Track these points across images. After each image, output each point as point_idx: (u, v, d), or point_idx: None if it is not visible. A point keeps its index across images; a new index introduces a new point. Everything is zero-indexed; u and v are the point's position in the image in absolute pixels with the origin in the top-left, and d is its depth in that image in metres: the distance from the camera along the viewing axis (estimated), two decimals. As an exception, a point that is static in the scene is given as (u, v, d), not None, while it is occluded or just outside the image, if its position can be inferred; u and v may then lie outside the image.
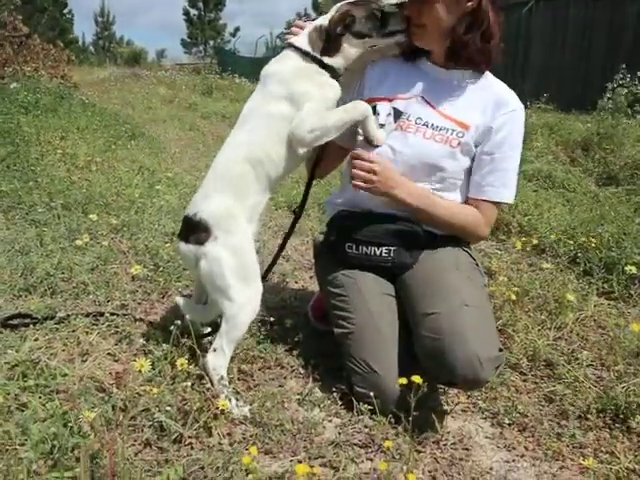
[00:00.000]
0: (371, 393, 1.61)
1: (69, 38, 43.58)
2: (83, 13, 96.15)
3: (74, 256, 2.72)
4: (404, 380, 1.53)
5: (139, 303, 2.41)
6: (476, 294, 1.69)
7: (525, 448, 1.64)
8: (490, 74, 1.84)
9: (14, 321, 2.01)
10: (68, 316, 2.07)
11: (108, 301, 2.38)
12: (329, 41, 1.69)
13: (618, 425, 1.72)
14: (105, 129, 6.42)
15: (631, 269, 2.62)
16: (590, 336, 2.25)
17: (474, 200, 1.81)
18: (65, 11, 43.66)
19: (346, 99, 1.82)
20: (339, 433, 1.62)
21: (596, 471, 1.51)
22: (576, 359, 2.04)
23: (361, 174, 1.68)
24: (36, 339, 1.93)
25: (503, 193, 1.80)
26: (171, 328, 1.98)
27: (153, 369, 1.76)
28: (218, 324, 1.75)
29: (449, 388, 1.84)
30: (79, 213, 3.46)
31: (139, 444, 1.49)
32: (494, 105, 1.78)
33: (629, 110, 6.12)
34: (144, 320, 2.18)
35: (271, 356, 1.98)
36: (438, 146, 1.75)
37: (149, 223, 3.38)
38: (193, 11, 44.45)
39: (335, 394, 1.77)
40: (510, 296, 2.21)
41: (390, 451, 1.49)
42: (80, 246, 2.89)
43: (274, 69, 1.75)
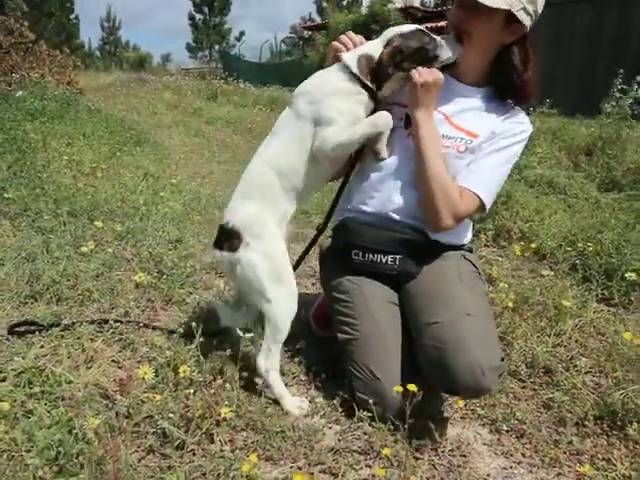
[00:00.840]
0: (372, 400, 1.64)
1: (75, 43, 43.90)
2: (89, 18, 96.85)
3: (79, 263, 2.76)
4: (400, 388, 1.55)
5: (142, 310, 2.44)
6: (478, 303, 1.71)
7: (522, 455, 1.66)
8: None
9: (20, 328, 2.05)
10: (73, 323, 2.11)
11: (112, 308, 2.41)
12: (377, 74, 1.70)
13: (615, 432, 1.74)
14: (111, 135, 6.48)
15: (631, 276, 2.64)
16: (589, 343, 2.27)
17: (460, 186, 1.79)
18: (72, 16, 43.99)
19: None
20: (339, 440, 1.65)
21: (593, 478, 1.53)
22: (575, 366, 2.06)
23: (424, 73, 1.69)
24: (42, 346, 1.96)
25: (480, 187, 1.76)
26: (174, 335, 2.04)
27: (156, 376, 1.80)
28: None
29: (449, 396, 1.86)
30: (85, 220, 3.50)
31: (142, 450, 1.52)
32: (505, 117, 1.83)
33: (631, 115, 6.10)
34: (148, 327, 2.21)
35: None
36: (445, 150, 1.78)
37: (153, 230, 3.42)
38: (198, 16, 44.75)
39: (336, 401, 1.80)
40: (508, 303, 2.23)
41: (389, 458, 1.51)
42: (85, 253, 2.93)
43: (318, 81, 1.77)
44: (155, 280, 2.69)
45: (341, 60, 1.74)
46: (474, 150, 1.79)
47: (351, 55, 1.75)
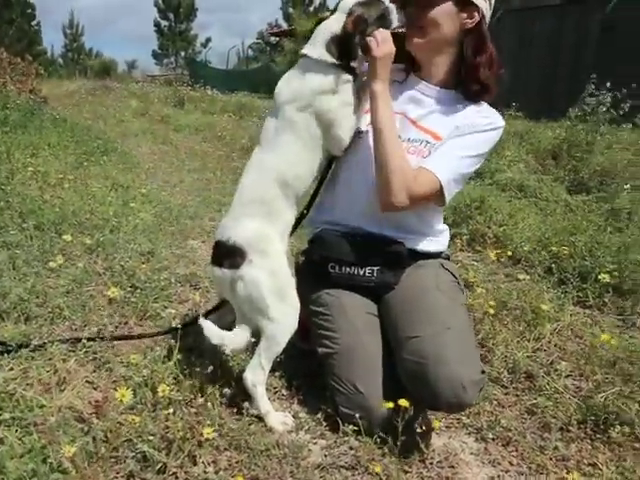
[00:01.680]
0: (357, 414, 1.61)
1: (37, 50, 42.92)
2: (52, 25, 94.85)
3: (48, 279, 2.67)
4: (391, 404, 1.53)
5: (116, 327, 2.36)
6: (458, 316, 1.70)
7: (510, 463, 1.66)
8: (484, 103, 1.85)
9: (-13, 351, 1.96)
10: (44, 343, 2.02)
11: (85, 325, 2.33)
12: (345, 47, 1.64)
13: (599, 436, 1.75)
14: (77, 145, 6.32)
15: (604, 277, 2.67)
16: (568, 346, 2.29)
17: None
18: (33, 23, 43.06)
19: None
20: (325, 455, 1.61)
21: (580, 484, 1.53)
22: (555, 370, 2.07)
23: (382, 44, 1.64)
24: (11, 369, 1.88)
25: (442, 171, 1.70)
26: (150, 352, 1.98)
27: (134, 396, 1.73)
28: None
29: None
30: (52, 233, 3.39)
31: (122, 476, 1.46)
32: (470, 111, 1.80)
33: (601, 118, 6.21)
34: (122, 344, 2.14)
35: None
36: (412, 158, 1.75)
37: (124, 242, 3.33)
38: (164, 22, 44.26)
39: (320, 415, 1.76)
40: (489, 310, 2.23)
41: (377, 474, 1.48)
42: (54, 268, 2.83)
43: (297, 86, 1.69)
44: (128, 295, 2.62)
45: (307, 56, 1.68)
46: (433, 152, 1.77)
47: (316, 46, 1.67)
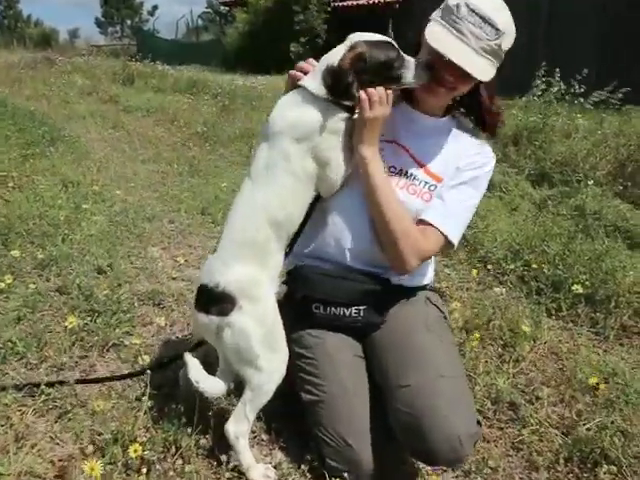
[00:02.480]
0: (345, 468, 1.54)
1: (-31, 17, 40.39)
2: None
3: (-4, 305, 2.46)
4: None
5: (77, 362, 2.20)
6: (450, 359, 1.63)
7: (500, 509, 1.62)
8: None
9: None
10: (-4, 392, 1.85)
11: (41, 362, 2.16)
12: (338, 84, 1.50)
13: (586, 474, 1.73)
14: (20, 134, 5.93)
15: (577, 288, 2.67)
16: (547, 367, 2.27)
17: (420, 222, 1.68)
18: (-38, -13, 40.40)
19: None
20: (311, 514, 1.53)
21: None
22: (537, 398, 2.05)
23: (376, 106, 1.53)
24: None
25: (448, 224, 1.66)
26: (117, 398, 1.84)
27: (103, 456, 1.61)
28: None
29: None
30: (-1, 246, 3.15)
31: None
32: (469, 154, 1.72)
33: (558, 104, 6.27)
34: (85, 386, 1.98)
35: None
36: (412, 199, 1.68)
37: (79, 254, 3.13)
38: (106, -12, 42.26)
39: (304, 466, 1.67)
40: (473, 343, 2.18)
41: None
42: (3, 289, 2.63)
43: (293, 120, 1.56)
44: (87, 320, 2.44)
45: (302, 86, 1.56)
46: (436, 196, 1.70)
47: (314, 78, 1.55)
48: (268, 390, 1.60)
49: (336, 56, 1.52)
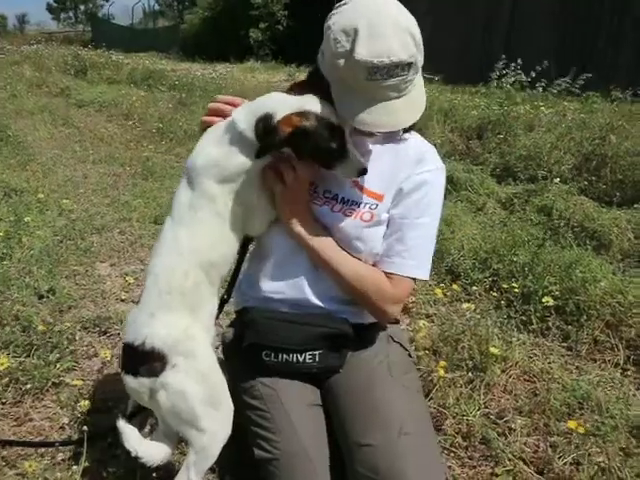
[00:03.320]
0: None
1: None
2: None
3: None
4: None
5: (9, 410, 1.98)
6: (415, 412, 1.48)
7: None
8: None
9: None
10: None
11: (-33, 410, 1.95)
12: (266, 141, 1.33)
13: (564, 520, 1.62)
14: (-44, 136, 5.57)
15: (548, 300, 2.57)
16: (519, 391, 2.15)
17: (385, 272, 1.54)
18: None
19: None
20: None
21: None
22: (510, 429, 1.93)
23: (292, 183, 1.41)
24: None
25: (412, 267, 1.51)
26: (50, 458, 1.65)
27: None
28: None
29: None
30: None
31: None
32: (409, 165, 1.53)
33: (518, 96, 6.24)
34: (17, 443, 1.78)
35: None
36: (349, 221, 1.50)
37: (18, 277, 2.88)
38: (58, -28, 40.62)
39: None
40: (440, 372, 2.04)
41: None
42: None
43: (218, 159, 1.39)
44: (24, 358, 2.22)
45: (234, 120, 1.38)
46: (380, 216, 1.51)
47: (246, 115, 1.37)
48: (213, 451, 1.43)
49: (279, 109, 1.33)
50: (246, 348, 1.56)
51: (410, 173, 1.51)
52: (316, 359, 1.54)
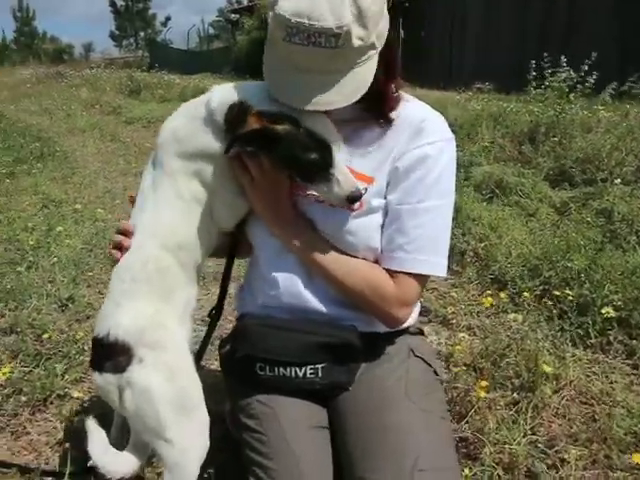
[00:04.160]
0: None
1: (-13, 35, 41.04)
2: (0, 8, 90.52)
3: None
4: None
5: (8, 421, 1.86)
6: (435, 443, 1.21)
7: None
8: (405, 97, 1.31)
9: None
10: None
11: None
12: (233, 130, 1.15)
13: None
14: (8, 151, 5.71)
15: (608, 312, 2.25)
16: (574, 415, 1.85)
17: (387, 270, 1.30)
18: (-20, 7, 41.02)
19: None
20: None
21: None
22: (563, 461, 1.64)
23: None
24: None
25: (419, 262, 1.25)
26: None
27: None
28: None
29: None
30: (-46, 277, 2.85)
31: None
32: (405, 137, 1.26)
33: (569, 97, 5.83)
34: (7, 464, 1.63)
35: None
36: (332, 212, 1.26)
37: (41, 285, 2.80)
38: (120, 2, 42.58)
39: None
40: (480, 394, 1.77)
41: None
42: (-52, 328, 2.33)
43: (180, 131, 1.24)
44: (33, 367, 2.10)
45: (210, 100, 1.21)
46: (371, 202, 1.26)
47: (223, 95, 1.20)
48: (189, 469, 1.22)
49: (256, 98, 1.16)
50: (240, 360, 1.35)
51: (406, 148, 1.25)
52: (319, 374, 1.32)
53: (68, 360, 2.17)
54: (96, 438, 1.25)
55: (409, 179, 1.25)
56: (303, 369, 1.31)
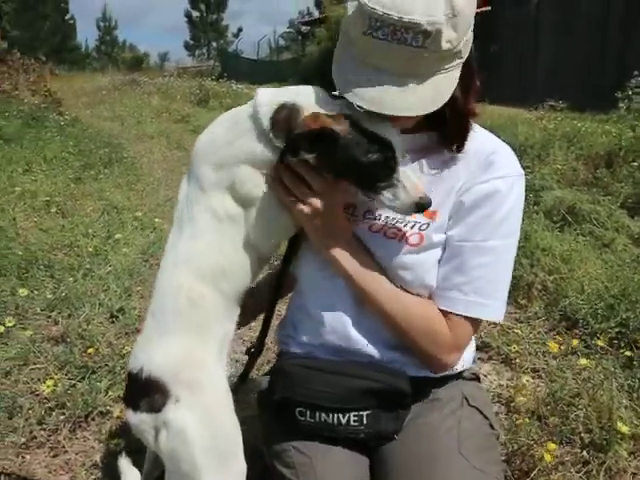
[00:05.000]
0: None
1: (72, 44, 43.52)
2: (86, 18, 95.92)
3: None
4: None
5: (48, 437, 1.83)
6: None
7: None
8: (473, 126, 1.19)
9: None
10: None
11: (10, 432, 1.82)
12: (285, 136, 1.06)
13: None
14: (79, 156, 5.89)
15: (695, 363, 2.01)
16: (653, 482, 1.64)
17: (440, 310, 1.18)
18: (67, 17, 43.61)
19: None
20: None
21: None
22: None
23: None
24: None
25: (477, 305, 1.14)
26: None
27: None
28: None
29: None
30: (14, 280, 2.91)
31: None
32: (473, 170, 1.16)
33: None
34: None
35: None
36: (391, 244, 1.16)
37: (94, 293, 2.81)
38: (195, 13, 44.18)
39: None
40: (547, 458, 1.59)
41: None
42: (1, 334, 2.36)
43: (218, 139, 1.14)
44: (77, 380, 2.08)
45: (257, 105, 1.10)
46: (432, 238, 1.15)
47: (270, 98, 1.09)
48: None
49: (304, 99, 1.06)
50: (278, 402, 1.25)
51: (473, 181, 1.14)
52: (363, 421, 1.20)
53: (113, 376, 2.14)
54: (129, 478, 1.19)
55: (474, 215, 1.14)
56: (346, 416, 1.19)
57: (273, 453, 1.28)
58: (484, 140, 1.19)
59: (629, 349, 2.25)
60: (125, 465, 1.20)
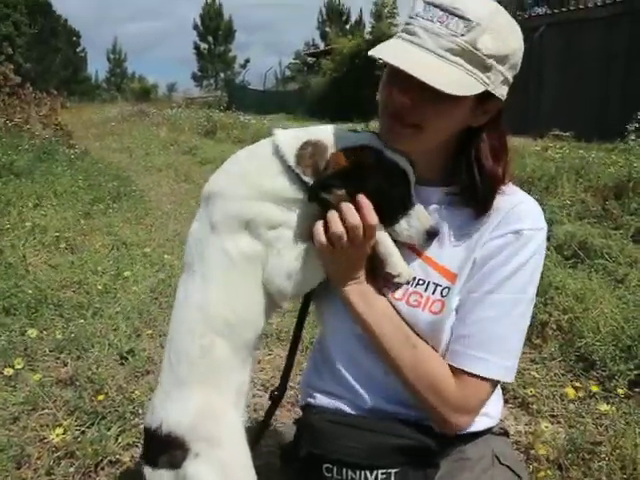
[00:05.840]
0: None
1: (83, 76, 44.47)
2: (97, 50, 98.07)
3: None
4: None
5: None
6: None
7: None
8: (510, 189, 1.17)
9: None
10: None
11: (13, 489, 1.78)
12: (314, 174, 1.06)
13: None
14: (88, 190, 5.92)
15: None
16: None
17: (450, 367, 1.13)
18: (78, 49, 44.63)
19: None
20: None
21: None
22: None
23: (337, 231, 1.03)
24: None
25: (478, 359, 1.08)
26: None
27: None
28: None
29: None
30: (23, 320, 2.90)
31: None
32: (494, 227, 1.12)
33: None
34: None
35: None
36: (416, 313, 1.13)
37: (104, 334, 2.79)
38: (203, 45, 45.07)
39: None
40: None
41: None
42: (11, 376, 2.34)
43: (237, 175, 1.11)
44: (87, 427, 2.05)
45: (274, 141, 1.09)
46: (452, 303, 1.11)
47: (290, 135, 1.10)
48: None
49: (334, 140, 1.06)
50: (304, 458, 1.22)
51: (490, 235, 1.11)
52: (391, 479, 1.16)
53: (123, 422, 2.10)
54: None
55: (486, 266, 1.11)
56: (374, 473, 1.15)
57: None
58: (510, 196, 1.16)
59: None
60: None
